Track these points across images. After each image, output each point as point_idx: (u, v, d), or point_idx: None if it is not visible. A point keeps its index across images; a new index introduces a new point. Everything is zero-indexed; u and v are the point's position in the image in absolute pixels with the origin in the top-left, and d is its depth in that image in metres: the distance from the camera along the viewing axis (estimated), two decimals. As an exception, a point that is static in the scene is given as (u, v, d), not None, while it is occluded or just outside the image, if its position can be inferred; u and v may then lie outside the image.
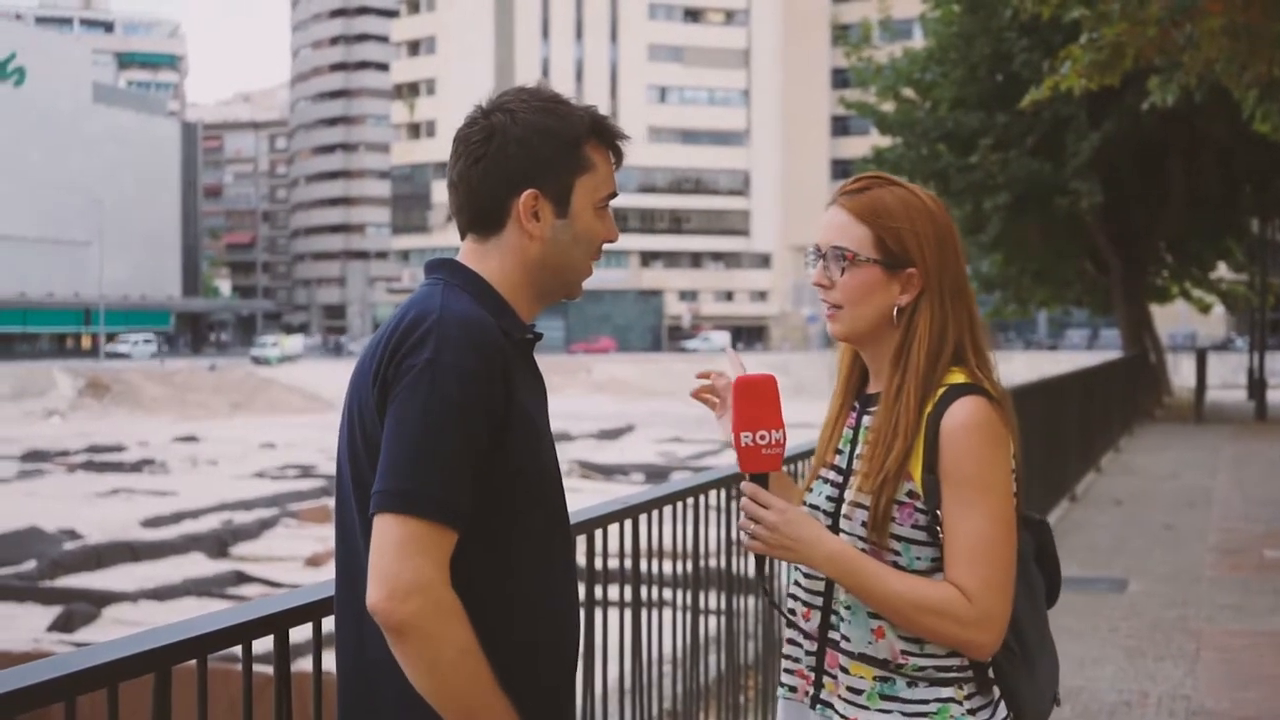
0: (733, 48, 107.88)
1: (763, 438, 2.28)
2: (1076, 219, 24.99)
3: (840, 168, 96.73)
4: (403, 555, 1.95)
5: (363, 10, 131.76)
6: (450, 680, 1.98)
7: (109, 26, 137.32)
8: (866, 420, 2.38)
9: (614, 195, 2.29)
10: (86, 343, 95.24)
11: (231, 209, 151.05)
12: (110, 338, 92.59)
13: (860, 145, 27.95)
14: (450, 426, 1.99)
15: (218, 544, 28.19)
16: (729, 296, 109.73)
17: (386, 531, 1.97)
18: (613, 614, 3.75)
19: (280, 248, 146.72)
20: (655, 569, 3.98)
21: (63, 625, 20.84)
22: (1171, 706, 6.51)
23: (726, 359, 2.61)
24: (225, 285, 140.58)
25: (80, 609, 22.07)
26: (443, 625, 1.96)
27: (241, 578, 24.24)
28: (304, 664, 2.37)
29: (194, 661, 2.09)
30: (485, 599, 2.07)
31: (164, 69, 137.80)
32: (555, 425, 2.60)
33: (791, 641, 2.43)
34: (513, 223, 2.19)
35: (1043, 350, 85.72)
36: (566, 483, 2.25)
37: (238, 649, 2.20)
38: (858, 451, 2.36)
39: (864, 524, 2.28)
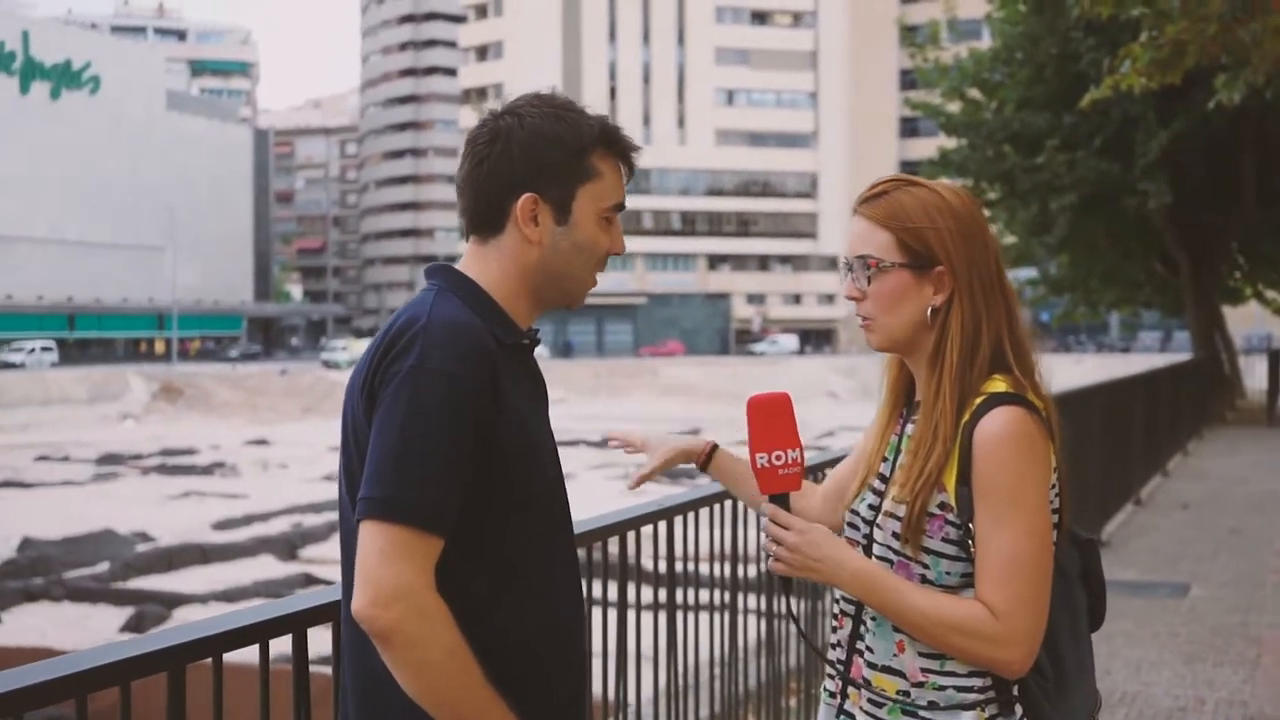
0: (800, 50, 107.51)
1: (779, 458, 2.26)
2: (1145, 219, 24.69)
3: (909, 169, 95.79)
4: (385, 561, 1.95)
5: (431, 16, 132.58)
6: (439, 683, 1.98)
7: (182, 35, 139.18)
8: (910, 429, 2.34)
9: (621, 207, 2.27)
10: (160, 347, 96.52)
11: (303, 214, 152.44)
12: (184, 342, 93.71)
13: (929, 147, 27.73)
14: (433, 432, 1.99)
15: (287, 546, 28.49)
16: (797, 299, 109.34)
17: (370, 538, 1.97)
18: (649, 618, 3.76)
19: (350, 252, 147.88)
20: (691, 572, 3.98)
21: (134, 626, 21.13)
22: (1228, 713, 6.43)
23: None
24: (296, 290, 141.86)
25: (151, 610, 22.37)
26: (427, 629, 1.96)
27: (310, 580, 24.45)
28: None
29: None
30: (482, 603, 2.08)
31: (236, 76, 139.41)
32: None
33: (834, 646, 2.40)
34: (512, 226, 2.20)
35: (1115, 353, 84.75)
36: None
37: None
38: (900, 461, 2.33)
39: (895, 534, 2.24)
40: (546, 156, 2.19)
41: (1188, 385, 19.52)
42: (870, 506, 2.34)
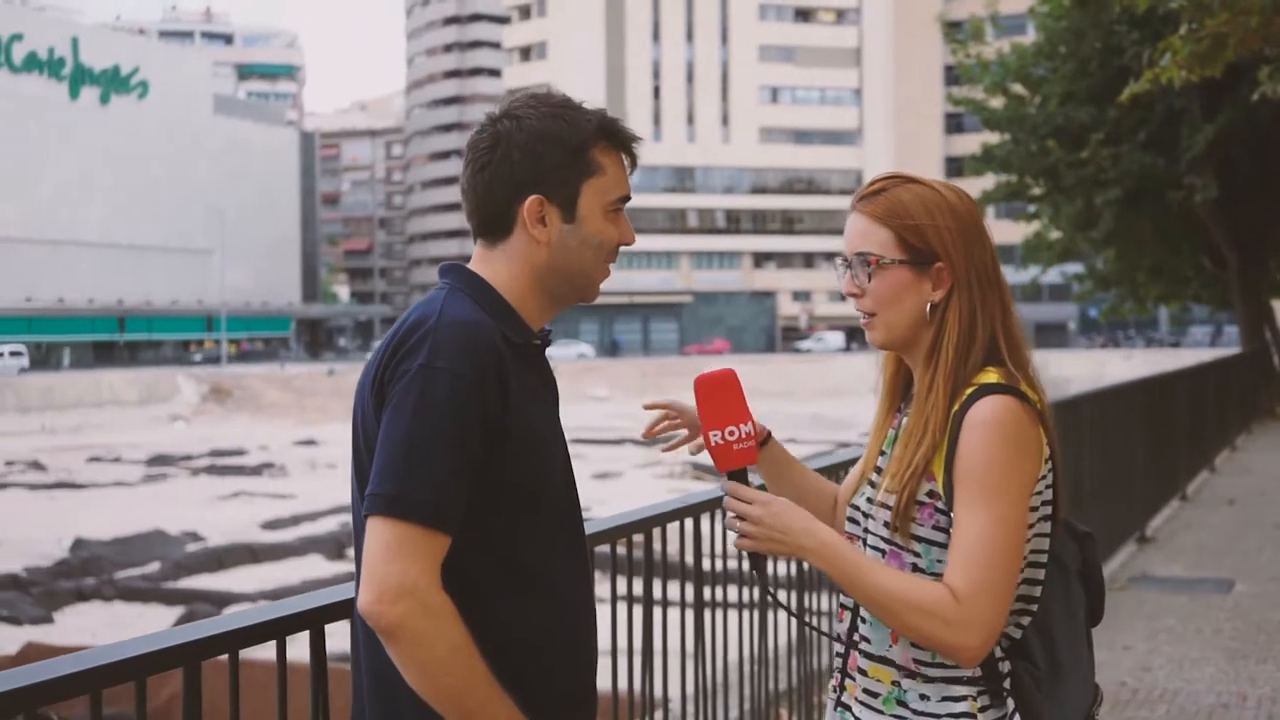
0: (844, 47, 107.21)
1: (732, 434, 2.28)
2: (1191, 213, 24.48)
3: (954, 165, 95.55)
4: (390, 558, 1.97)
5: (475, 17, 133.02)
6: (443, 679, 2.00)
7: (229, 39, 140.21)
8: (905, 422, 2.34)
9: (626, 198, 2.29)
10: (210, 349, 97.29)
11: (349, 216, 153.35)
12: (234, 344, 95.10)
13: (974, 143, 27.61)
14: (441, 431, 2.01)
15: (335, 546, 28.70)
16: (843, 297, 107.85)
17: (376, 534, 1.99)
18: (684, 615, 3.76)
19: (397, 253, 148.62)
20: (719, 569, 3.97)
21: (183, 626, 21.30)
22: (1271, 710, 6.38)
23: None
24: (343, 291, 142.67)
25: (201, 610, 22.55)
26: (432, 626, 1.97)
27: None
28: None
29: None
30: (490, 601, 2.10)
31: (282, 79, 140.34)
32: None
33: (837, 639, 2.41)
34: (519, 228, 2.22)
35: (1164, 348, 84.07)
36: (679, 484, 2.27)
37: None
38: (893, 452, 2.33)
39: (886, 524, 2.25)
40: (548, 157, 2.20)
41: (1235, 380, 19.35)
42: (867, 499, 2.36)
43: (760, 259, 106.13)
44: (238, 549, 28.62)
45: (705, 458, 2.55)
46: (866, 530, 2.32)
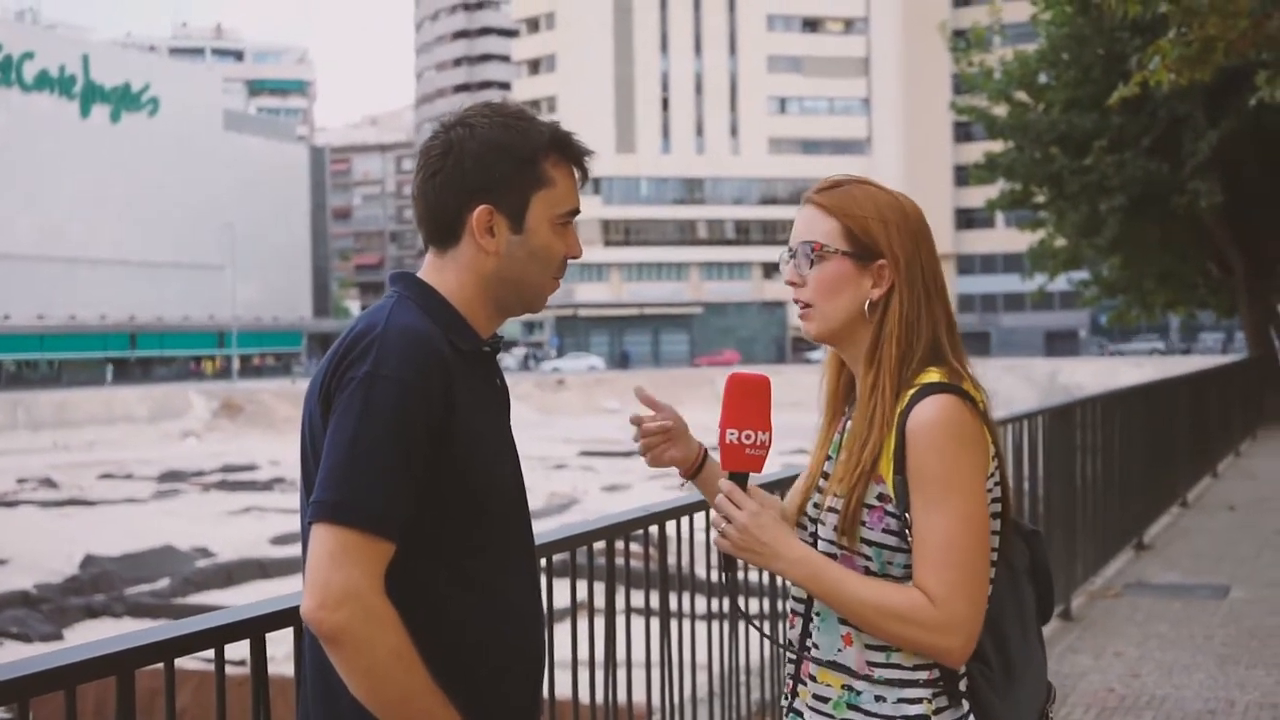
0: (852, 56, 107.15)
1: (748, 437, 2.27)
2: (1197, 219, 24.43)
3: (962, 174, 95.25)
4: (333, 565, 1.98)
5: (485, 31, 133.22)
6: (384, 685, 2.00)
7: (239, 55, 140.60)
8: (850, 425, 2.34)
9: (575, 211, 2.29)
10: (219, 364, 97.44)
11: (360, 230, 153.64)
12: (244, 360, 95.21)
13: (983, 151, 27.54)
14: (385, 438, 2.01)
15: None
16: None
17: (320, 541, 2.00)
18: (642, 623, 3.76)
19: (408, 268, 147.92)
20: (686, 576, 3.98)
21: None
22: (1258, 715, 6.37)
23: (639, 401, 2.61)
24: (355, 306, 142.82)
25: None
26: (373, 631, 1.98)
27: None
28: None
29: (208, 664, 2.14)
30: (439, 606, 2.11)
31: (293, 95, 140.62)
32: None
33: (789, 647, 2.40)
34: (468, 237, 2.22)
35: (1174, 355, 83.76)
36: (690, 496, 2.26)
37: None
38: (839, 456, 2.32)
39: (835, 528, 2.24)
40: (498, 167, 2.21)
41: (1240, 386, 19.30)
42: (814, 504, 2.35)
43: (770, 269, 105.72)
44: (248, 564, 28.66)
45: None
46: (815, 535, 2.32)
